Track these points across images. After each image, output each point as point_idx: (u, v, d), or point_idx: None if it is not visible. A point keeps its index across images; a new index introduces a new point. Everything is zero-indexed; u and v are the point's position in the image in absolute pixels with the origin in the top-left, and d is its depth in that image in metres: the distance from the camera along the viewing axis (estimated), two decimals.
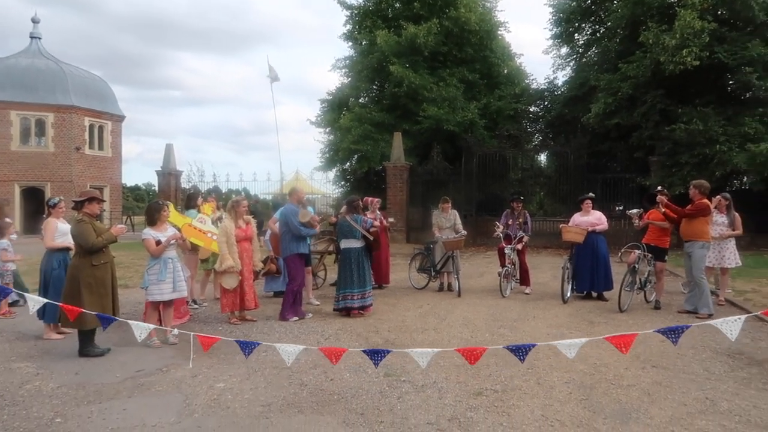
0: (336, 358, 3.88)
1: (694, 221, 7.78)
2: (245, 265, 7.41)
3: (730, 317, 3.39)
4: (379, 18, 23.04)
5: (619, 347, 3.49)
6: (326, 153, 23.88)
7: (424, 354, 3.71)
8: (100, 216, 7.47)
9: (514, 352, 3.62)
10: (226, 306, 7.37)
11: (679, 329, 3.49)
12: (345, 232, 7.98)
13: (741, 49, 15.93)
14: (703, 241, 7.79)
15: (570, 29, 22.56)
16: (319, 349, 4.20)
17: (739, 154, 15.13)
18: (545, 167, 26.15)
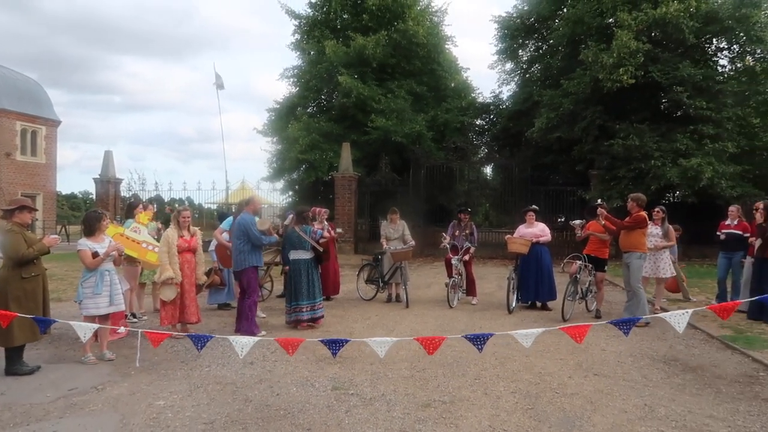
0: (293, 349, 3.80)
1: (631, 233, 8.08)
2: (186, 277, 7.15)
3: (678, 311, 3.51)
4: (328, 29, 23.05)
5: (574, 337, 3.59)
6: (273, 162, 23.59)
7: (382, 343, 3.69)
8: (31, 226, 7.09)
9: (472, 341, 3.68)
10: (165, 319, 7.09)
11: (631, 321, 3.62)
12: (294, 243, 7.86)
13: (673, 69, 16.80)
14: (640, 252, 8.08)
15: (514, 45, 23.24)
16: (275, 340, 4.12)
17: (672, 169, 15.89)
18: (491, 179, 26.72)
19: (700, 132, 16.49)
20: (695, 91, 16.73)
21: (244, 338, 3.82)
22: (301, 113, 23.48)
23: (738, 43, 18.31)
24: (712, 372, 5.68)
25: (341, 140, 20.60)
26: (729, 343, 6.78)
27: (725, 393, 5.02)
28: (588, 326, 3.60)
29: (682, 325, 3.41)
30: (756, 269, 8.22)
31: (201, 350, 4.02)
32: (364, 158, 21.31)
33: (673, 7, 16.39)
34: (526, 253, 9.21)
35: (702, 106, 16.44)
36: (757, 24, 16.83)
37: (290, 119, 22.90)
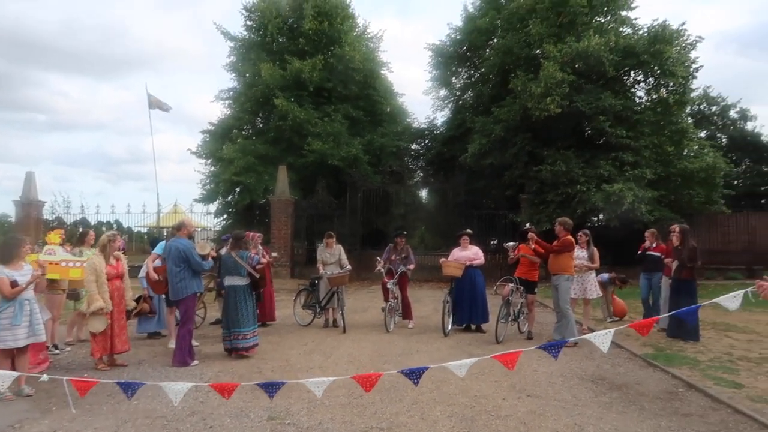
0: (228, 394, 3.69)
1: (559, 256, 8.42)
2: (116, 305, 6.86)
3: (601, 331, 3.65)
4: (264, 51, 22.93)
5: (505, 364, 3.67)
6: (207, 184, 23.00)
7: (319, 383, 3.63)
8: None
9: (408, 376, 3.68)
10: (97, 351, 6.74)
11: (559, 344, 3.73)
12: (230, 269, 7.68)
13: (595, 99, 17.75)
14: (568, 274, 8.43)
15: (448, 73, 23.90)
16: (209, 386, 3.98)
17: (596, 194, 16.69)
18: (426, 203, 27.13)
19: (621, 159, 17.45)
20: (616, 121, 17.72)
21: (177, 385, 3.66)
22: (237, 135, 23.14)
23: (653, 76, 19.58)
24: (636, 389, 5.95)
25: (277, 163, 20.41)
26: (651, 361, 7.14)
27: (648, 410, 5.26)
28: (518, 353, 3.71)
29: (606, 345, 3.56)
30: (673, 289, 8.73)
31: (131, 397, 3.84)
32: (300, 181, 21.19)
33: (595, 41, 17.38)
34: (460, 276, 9.39)
35: (622, 135, 17.44)
36: (670, 59, 18.08)
37: (225, 141, 22.50)
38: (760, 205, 29.32)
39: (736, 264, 18.82)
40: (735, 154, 30.35)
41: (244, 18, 23.74)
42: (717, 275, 18.31)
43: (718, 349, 7.94)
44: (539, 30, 18.56)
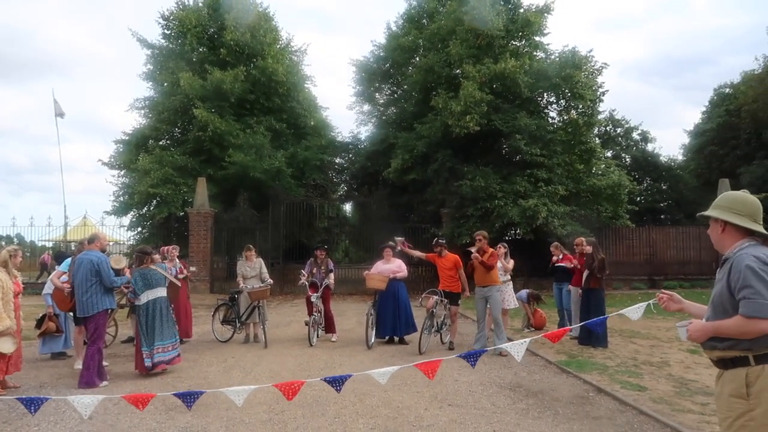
0: (143, 405, 3.50)
1: (489, 269, 8.68)
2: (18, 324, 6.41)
3: (518, 341, 3.78)
4: (183, 60, 22.28)
5: (426, 373, 3.72)
6: (120, 196, 21.88)
7: (240, 392, 3.52)
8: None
9: (330, 383, 3.65)
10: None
11: (477, 353, 3.83)
12: (150, 282, 7.32)
13: (512, 119, 18.55)
14: (498, 284, 8.89)
15: (371, 89, 24.25)
16: (122, 397, 3.76)
17: (513, 209, 17.37)
18: (350, 216, 27.19)
19: (536, 176, 18.28)
20: (531, 139, 18.57)
21: (86, 397, 3.40)
22: (153, 145, 22.25)
23: (564, 98, 20.73)
24: (551, 395, 6.20)
25: (196, 175, 19.80)
26: (564, 368, 7.46)
27: (562, 414, 5.49)
28: (439, 361, 3.78)
29: (521, 354, 3.69)
30: (584, 298, 9.19)
31: (35, 413, 3.56)
32: (221, 194, 20.64)
33: (511, 63, 18.19)
34: (384, 288, 9.44)
35: (536, 153, 18.29)
36: (579, 83, 19.23)
37: (141, 151, 21.59)
38: (660, 219, 31.65)
39: (639, 275, 20.11)
40: (637, 173, 32.71)
41: (162, 27, 23.02)
42: (623, 285, 19.50)
43: (624, 354, 8.42)
44: (459, 51, 19.20)
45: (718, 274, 2.69)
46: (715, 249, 2.85)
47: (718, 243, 2.76)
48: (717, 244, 2.78)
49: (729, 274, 2.57)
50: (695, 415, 5.32)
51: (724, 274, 2.62)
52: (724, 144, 29.01)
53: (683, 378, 6.89)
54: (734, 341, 2.54)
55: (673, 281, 19.42)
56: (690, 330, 2.71)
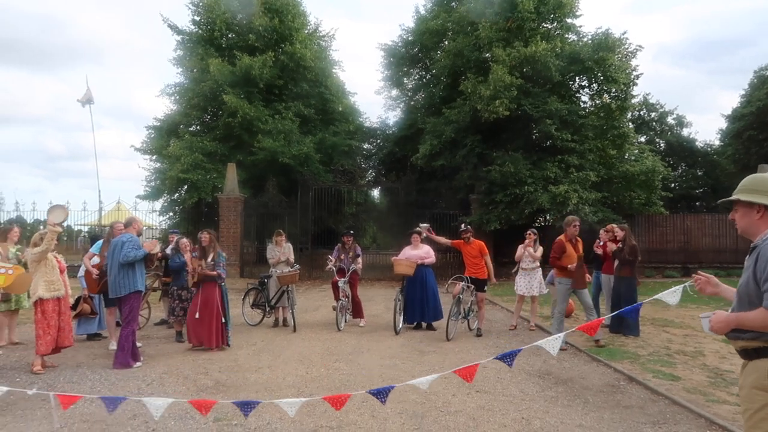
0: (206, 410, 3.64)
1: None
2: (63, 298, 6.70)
3: (552, 336, 3.73)
4: (212, 46, 22.44)
5: (465, 378, 3.71)
6: (152, 181, 22.29)
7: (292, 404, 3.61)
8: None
9: (375, 396, 3.66)
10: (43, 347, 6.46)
11: (513, 353, 3.79)
12: None
13: (542, 103, 18.22)
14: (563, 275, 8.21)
15: (399, 73, 24.03)
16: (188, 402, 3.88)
17: (543, 195, 17.13)
18: (378, 202, 27.18)
19: (567, 162, 17.96)
20: (562, 124, 18.22)
21: (158, 400, 3.56)
22: (184, 131, 22.52)
23: (596, 82, 20.24)
24: (581, 384, 6.13)
25: (226, 160, 20.00)
26: (594, 356, 7.36)
27: (592, 403, 5.43)
28: (476, 366, 3.77)
29: (555, 349, 3.64)
30: (615, 286, 9.03)
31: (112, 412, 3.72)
32: (250, 179, 20.83)
33: (542, 46, 17.83)
34: (411, 274, 9.43)
35: (567, 138, 17.95)
36: (612, 66, 18.76)
37: (171, 137, 21.90)
38: (694, 206, 30.86)
39: (672, 262, 19.68)
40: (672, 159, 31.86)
41: (192, 12, 23.19)
42: (655, 273, 19.12)
43: (657, 343, 8.27)
44: (488, 34, 18.89)
45: (746, 261, 2.58)
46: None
47: (750, 229, 2.62)
48: (747, 230, 2.64)
49: (756, 262, 2.46)
50: (730, 406, 5.20)
51: (751, 263, 2.51)
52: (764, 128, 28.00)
53: (718, 368, 6.73)
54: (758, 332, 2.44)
55: (708, 269, 18.79)
56: (713, 321, 2.62)
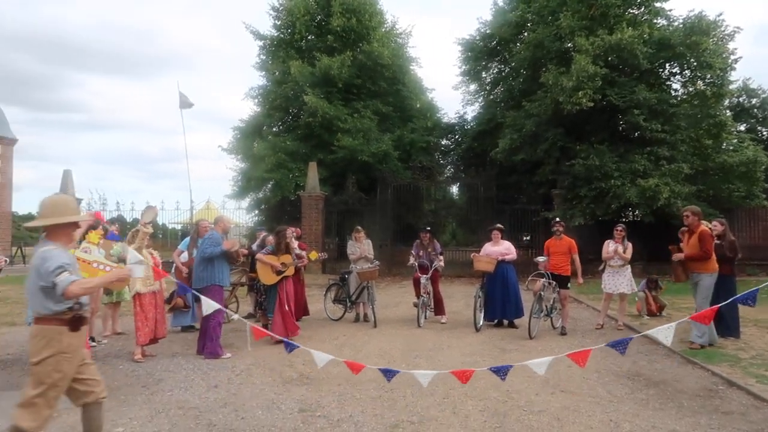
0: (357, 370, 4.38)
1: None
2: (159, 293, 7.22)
3: (663, 325, 3.57)
4: (293, 49, 23.12)
5: (577, 362, 3.92)
6: (239, 181, 23.35)
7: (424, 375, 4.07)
8: None
9: (496, 373, 4.09)
10: (142, 337, 6.97)
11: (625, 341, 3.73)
12: None
13: (629, 93, 17.37)
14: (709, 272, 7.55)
15: (478, 67, 23.68)
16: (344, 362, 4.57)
17: (631, 189, 16.35)
18: (457, 198, 26.97)
19: (657, 153, 17.04)
20: (651, 114, 17.30)
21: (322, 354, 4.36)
22: (267, 132, 23.38)
23: (689, 68, 19.07)
24: (674, 387, 5.81)
25: (307, 159, 20.56)
26: (689, 358, 6.95)
27: (687, 407, 5.13)
28: (589, 351, 3.77)
29: (669, 338, 3.50)
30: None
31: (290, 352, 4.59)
32: (330, 177, 21.29)
33: (628, 33, 17.00)
34: (492, 271, 9.29)
35: (657, 129, 17.02)
36: (707, 50, 17.59)
37: (256, 138, 22.79)
38: None
39: None
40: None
41: (273, 17, 23.97)
42: (759, 271, 17.71)
43: (761, 346, 7.69)
44: (570, 23, 18.24)
45: None
46: None
47: None
48: None
49: None
50: None
51: None
52: None
53: None
54: None
55: None
56: None
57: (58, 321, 3.43)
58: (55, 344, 3.40)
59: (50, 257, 3.40)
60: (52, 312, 3.42)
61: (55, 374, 3.41)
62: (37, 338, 3.44)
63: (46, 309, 3.42)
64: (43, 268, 3.37)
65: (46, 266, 3.36)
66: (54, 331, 3.42)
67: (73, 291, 3.34)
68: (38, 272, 3.39)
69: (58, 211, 3.55)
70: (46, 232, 3.60)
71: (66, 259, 3.46)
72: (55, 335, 3.42)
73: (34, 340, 3.45)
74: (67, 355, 3.45)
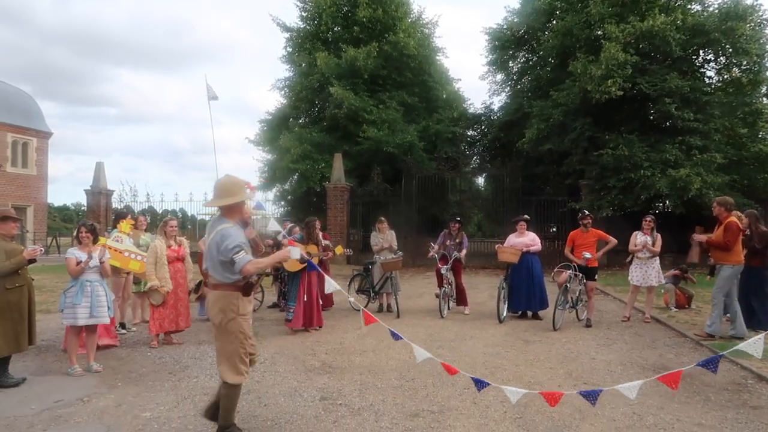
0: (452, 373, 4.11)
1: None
2: (179, 285, 7.29)
3: (753, 338, 3.46)
4: (319, 41, 23.18)
5: (669, 385, 3.62)
6: (265, 172, 23.62)
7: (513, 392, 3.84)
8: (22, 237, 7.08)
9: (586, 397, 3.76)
10: (154, 328, 7.16)
11: (716, 359, 3.52)
12: None
13: (660, 81, 16.97)
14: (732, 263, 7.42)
15: (505, 57, 23.40)
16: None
17: (661, 179, 16.00)
18: (483, 189, 26.79)
19: (689, 143, 16.63)
20: (683, 103, 16.88)
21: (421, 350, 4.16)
22: (293, 124, 23.55)
23: (724, 55, 18.55)
24: (701, 380, 5.69)
25: (333, 151, 20.63)
26: (717, 351, 6.79)
27: (714, 401, 5.03)
28: (680, 372, 3.55)
29: (759, 351, 3.37)
30: (743, 277, 8.25)
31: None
32: (355, 168, 21.35)
33: (660, 20, 16.59)
34: (516, 262, 9.22)
35: (689, 118, 16.61)
36: (743, 36, 17.07)
37: (282, 130, 22.96)
38: None
39: None
40: None
41: (299, 9, 24.04)
42: None
43: None
44: (600, 10, 17.88)
45: None
46: None
47: None
48: None
49: None
50: None
51: None
52: None
53: None
54: None
55: None
56: None
57: (234, 287, 3.95)
58: (234, 308, 3.93)
59: (229, 236, 3.85)
60: (231, 281, 3.93)
61: (238, 333, 3.97)
62: (218, 303, 3.96)
63: (225, 278, 3.94)
64: (223, 245, 3.83)
65: (225, 244, 3.82)
66: (232, 296, 3.94)
67: (248, 269, 3.85)
68: (218, 248, 3.86)
69: (230, 192, 4.00)
70: (221, 210, 4.06)
71: (242, 238, 3.93)
72: (233, 300, 3.94)
73: (216, 305, 3.96)
74: (244, 316, 4.01)
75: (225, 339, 3.98)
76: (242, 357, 4.00)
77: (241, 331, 3.98)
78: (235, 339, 3.96)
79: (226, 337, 3.97)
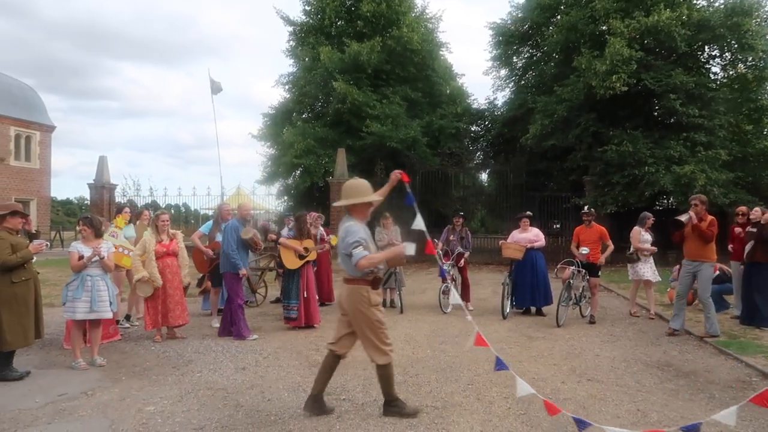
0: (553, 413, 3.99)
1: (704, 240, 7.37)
2: (168, 281, 7.14)
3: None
4: (323, 35, 23.09)
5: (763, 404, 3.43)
6: (269, 167, 23.57)
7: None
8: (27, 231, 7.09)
9: None
10: (149, 324, 7.14)
11: None
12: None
13: (665, 76, 16.87)
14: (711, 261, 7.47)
15: (509, 52, 23.29)
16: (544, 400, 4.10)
17: (665, 176, 15.93)
18: (486, 185, 26.73)
19: (693, 139, 16.53)
20: (688, 99, 16.79)
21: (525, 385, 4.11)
22: (297, 118, 23.48)
23: (730, 50, 18.44)
24: (706, 377, 5.68)
25: (336, 145, 20.58)
26: (722, 348, 6.78)
27: (718, 398, 5.02)
28: None
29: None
30: (746, 273, 8.23)
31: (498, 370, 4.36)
32: (359, 163, 21.29)
33: (665, 15, 16.49)
34: (520, 258, 9.19)
35: (694, 114, 16.51)
36: (749, 32, 16.96)
37: (285, 124, 22.90)
38: None
39: None
40: None
41: (303, 3, 23.95)
42: None
43: None
44: (605, 5, 17.77)
45: None
46: None
47: None
48: None
49: None
50: None
51: None
52: None
53: None
54: None
55: None
56: None
57: (363, 281, 4.33)
58: (365, 300, 4.31)
59: (351, 232, 4.26)
60: (361, 275, 4.29)
61: (373, 320, 4.34)
62: (350, 297, 4.35)
63: (354, 272, 4.30)
64: (345, 241, 4.24)
65: (347, 240, 4.23)
66: (362, 290, 4.33)
67: (362, 264, 4.18)
68: (343, 242, 4.26)
69: (357, 192, 4.50)
70: (349, 209, 4.49)
71: (363, 234, 4.33)
72: (363, 292, 4.33)
73: (349, 299, 4.35)
74: (376, 306, 4.38)
75: (365, 328, 4.34)
76: (383, 339, 4.37)
77: (377, 319, 4.34)
78: (373, 326, 4.33)
79: (366, 327, 4.33)
